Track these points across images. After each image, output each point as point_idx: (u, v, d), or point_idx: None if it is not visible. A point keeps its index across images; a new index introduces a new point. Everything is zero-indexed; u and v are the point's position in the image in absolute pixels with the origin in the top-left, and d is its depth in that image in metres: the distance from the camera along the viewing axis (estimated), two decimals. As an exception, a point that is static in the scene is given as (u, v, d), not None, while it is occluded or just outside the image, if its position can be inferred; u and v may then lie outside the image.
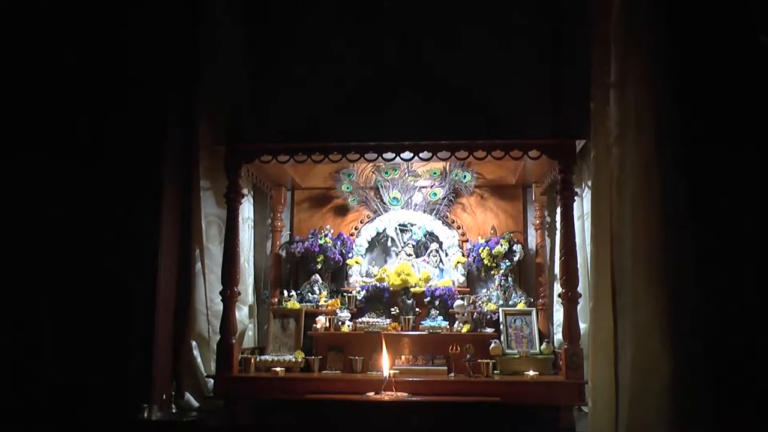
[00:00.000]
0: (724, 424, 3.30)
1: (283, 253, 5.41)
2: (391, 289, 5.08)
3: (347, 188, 5.42)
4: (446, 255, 5.30)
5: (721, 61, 3.67)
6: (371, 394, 4.15)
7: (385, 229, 5.40)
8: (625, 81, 3.66)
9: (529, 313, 4.85)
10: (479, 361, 4.43)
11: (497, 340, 4.64)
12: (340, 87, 4.95)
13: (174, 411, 4.45)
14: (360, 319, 4.92)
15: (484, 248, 5.13)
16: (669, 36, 3.61)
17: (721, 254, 3.53)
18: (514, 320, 4.82)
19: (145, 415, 4.25)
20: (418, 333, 4.83)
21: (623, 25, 3.69)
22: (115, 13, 4.72)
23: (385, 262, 5.42)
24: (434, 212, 5.38)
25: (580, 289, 4.22)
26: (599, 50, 3.91)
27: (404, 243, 5.35)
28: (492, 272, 5.14)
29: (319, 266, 5.23)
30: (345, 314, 4.96)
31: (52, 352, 4.40)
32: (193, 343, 4.75)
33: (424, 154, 4.51)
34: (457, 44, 5.25)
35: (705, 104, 3.65)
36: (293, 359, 4.62)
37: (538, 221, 5.25)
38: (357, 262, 5.30)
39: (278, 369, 4.46)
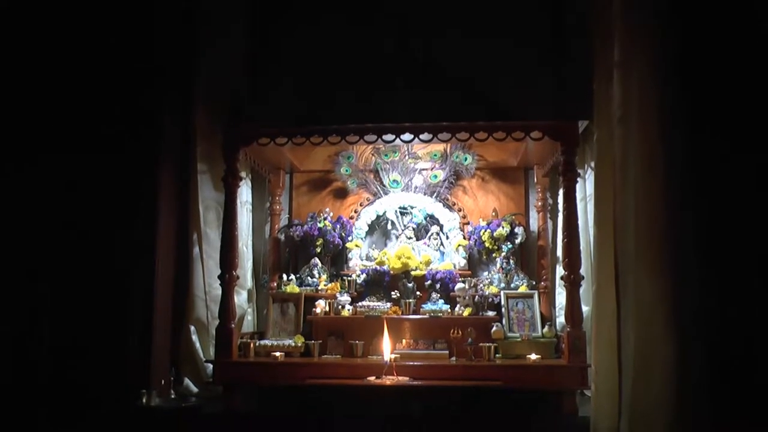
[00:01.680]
0: (726, 408, 3.26)
1: (282, 237, 5.39)
2: (392, 272, 5.04)
3: (346, 171, 5.39)
4: (447, 238, 5.27)
5: (726, 44, 3.60)
6: (372, 378, 4.14)
7: (385, 212, 5.37)
8: (628, 61, 3.58)
9: (531, 297, 4.82)
10: (481, 345, 4.41)
11: (499, 324, 4.61)
12: (340, 70, 4.91)
13: (173, 397, 4.45)
14: (360, 304, 4.89)
15: (485, 231, 5.10)
16: (673, 17, 3.53)
17: (724, 237, 3.48)
18: (516, 303, 4.79)
19: (144, 401, 4.24)
20: (418, 317, 4.81)
21: (627, 5, 3.61)
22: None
23: (385, 245, 5.39)
24: (435, 195, 5.34)
25: (582, 271, 4.20)
26: (602, 30, 3.83)
27: (404, 226, 5.32)
28: (493, 255, 5.11)
29: (318, 250, 5.19)
30: (345, 298, 4.93)
31: (50, 338, 4.37)
32: (192, 329, 4.73)
33: (425, 136, 4.47)
34: (458, 27, 5.20)
35: (710, 85, 3.57)
36: (293, 344, 4.59)
37: (540, 203, 5.22)
38: (357, 246, 5.27)
39: (278, 354, 4.44)
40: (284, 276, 5.16)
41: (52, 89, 4.59)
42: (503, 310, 4.76)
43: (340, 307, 4.89)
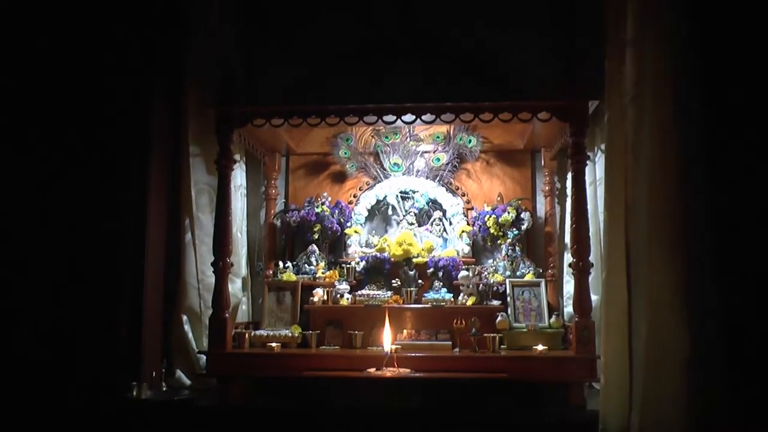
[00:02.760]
0: (742, 402, 3.16)
1: (278, 223, 5.29)
2: (392, 259, 4.96)
3: (345, 154, 5.27)
4: (450, 224, 5.17)
5: (742, 19, 3.49)
6: (372, 370, 4.06)
7: (385, 196, 5.27)
8: (642, 37, 3.46)
9: (538, 285, 4.73)
10: (485, 335, 4.33)
11: (504, 314, 4.53)
12: (338, 48, 4.85)
13: (165, 389, 4.37)
14: (359, 292, 4.81)
15: (490, 216, 4.99)
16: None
17: (741, 221, 3.38)
18: (522, 292, 4.70)
19: (135, 393, 4.16)
20: (420, 306, 4.73)
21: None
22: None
23: (386, 231, 5.30)
24: (437, 179, 5.24)
25: (591, 258, 4.11)
26: (614, 5, 3.70)
27: (406, 211, 5.22)
28: (498, 242, 5.02)
29: (316, 236, 5.09)
30: (344, 287, 4.85)
31: (36, 330, 4.26)
32: (184, 318, 4.64)
33: (427, 117, 4.35)
34: (463, 3, 5.10)
35: (726, 61, 3.46)
36: (290, 334, 4.50)
37: (547, 188, 5.12)
38: (356, 232, 5.17)
39: (274, 345, 4.34)
40: (280, 263, 5.05)
41: (37, 73, 4.44)
42: (509, 299, 4.69)
43: (338, 295, 4.81)
